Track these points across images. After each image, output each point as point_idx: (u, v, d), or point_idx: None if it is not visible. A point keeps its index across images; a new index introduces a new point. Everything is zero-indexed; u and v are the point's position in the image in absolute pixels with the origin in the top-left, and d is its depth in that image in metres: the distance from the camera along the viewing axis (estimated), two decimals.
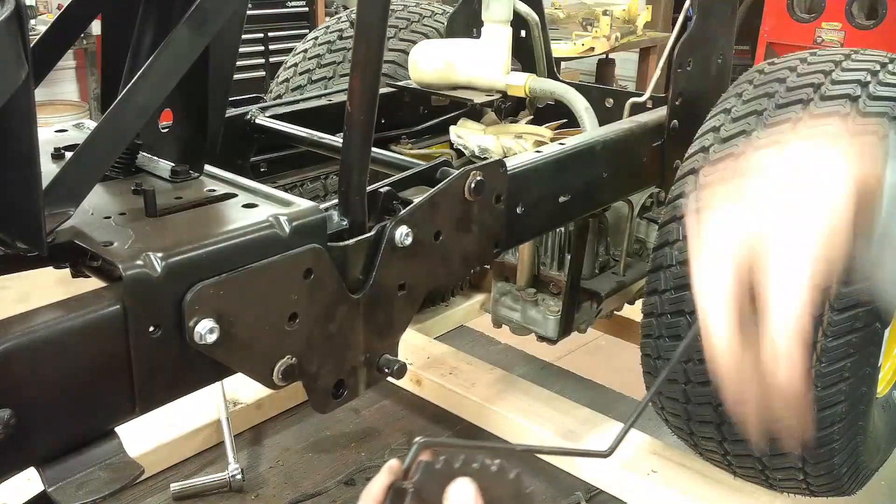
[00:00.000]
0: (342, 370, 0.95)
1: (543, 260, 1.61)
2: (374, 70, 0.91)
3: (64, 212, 0.79)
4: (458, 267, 1.11)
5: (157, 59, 0.81)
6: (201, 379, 0.85)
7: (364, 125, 0.91)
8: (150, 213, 0.86)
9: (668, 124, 1.43)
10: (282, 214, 0.85)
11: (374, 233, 0.95)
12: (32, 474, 0.74)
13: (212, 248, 0.79)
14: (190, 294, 0.76)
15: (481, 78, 1.63)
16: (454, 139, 1.61)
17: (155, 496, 1.44)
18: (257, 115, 1.41)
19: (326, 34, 2.03)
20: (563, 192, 1.25)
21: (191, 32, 0.83)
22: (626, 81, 5.53)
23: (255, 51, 5.10)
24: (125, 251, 0.77)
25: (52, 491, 0.72)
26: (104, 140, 0.81)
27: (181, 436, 1.52)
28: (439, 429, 1.64)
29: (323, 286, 0.88)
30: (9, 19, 0.62)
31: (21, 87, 0.65)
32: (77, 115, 4.56)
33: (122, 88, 0.88)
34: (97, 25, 1.04)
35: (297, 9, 5.33)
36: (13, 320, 0.70)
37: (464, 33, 1.80)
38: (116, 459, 0.77)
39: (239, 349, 0.82)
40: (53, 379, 0.71)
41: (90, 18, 1.04)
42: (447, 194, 1.02)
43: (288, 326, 0.86)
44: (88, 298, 0.74)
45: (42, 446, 0.73)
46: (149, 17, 0.95)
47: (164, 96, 0.84)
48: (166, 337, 0.77)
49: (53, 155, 0.98)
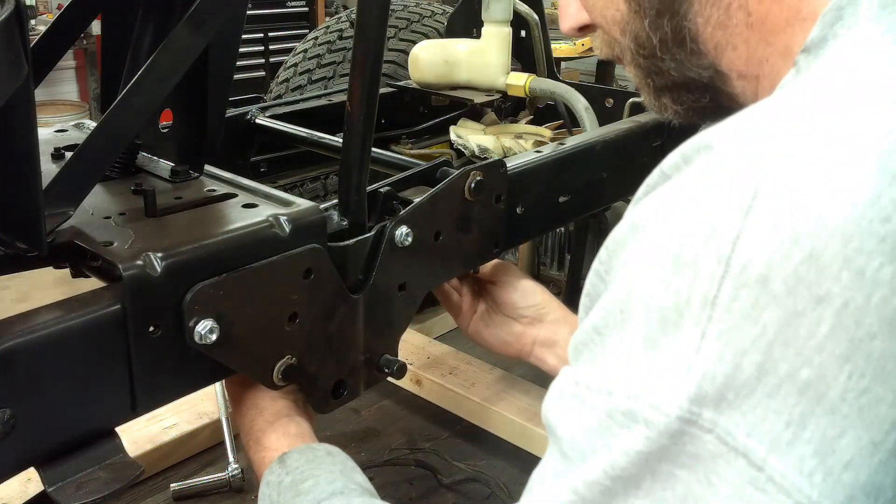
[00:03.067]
0: (342, 370, 0.95)
1: (543, 260, 1.62)
2: (374, 70, 0.91)
3: (64, 212, 0.79)
4: (459, 267, 1.11)
5: (157, 59, 0.81)
6: (201, 379, 0.85)
7: (364, 125, 0.91)
8: (150, 213, 0.86)
9: (668, 124, 1.42)
10: (282, 214, 0.85)
11: (374, 233, 0.95)
12: (32, 474, 0.74)
13: (212, 248, 0.79)
14: (190, 294, 0.76)
15: (481, 78, 1.63)
16: (454, 139, 1.60)
17: (155, 496, 1.44)
18: (257, 115, 1.41)
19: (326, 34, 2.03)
20: (563, 192, 1.25)
21: (191, 32, 0.83)
22: (626, 81, 5.54)
23: (255, 51, 5.10)
24: (125, 251, 0.77)
25: (52, 491, 0.72)
26: (104, 140, 0.81)
27: (181, 436, 1.52)
28: (439, 429, 1.64)
29: (323, 286, 0.88)
30: (9, 19, 0.62)
31: (21, 87, 0.65)
32: (77, 115, 4.56)
33: (122, 88, 0.88)
34: (97, 25, 1.03)
35: (297, 9, 5.33)
36: (13, 320, 0.70)
37: (464, 33, 1.80)
38: (116, 459, 0.77)
39: (239, 349, 0.82)
40: (53, 379, 0.71)
41: (90, 18, 1.04)
42: (447, 194, 1.02)
43: (288, 326, 0.86)
44: (88, 298, 0.74)
45: (42, 446, 0.73)
46: (149, 17, 0.95)
47: (164, 96, 0.84)
48: (166, 337, 0.77)
49: (53, 155, 0.98)
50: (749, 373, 0.40)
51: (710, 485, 0.41)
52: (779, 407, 0.39)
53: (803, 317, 0.39)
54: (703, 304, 0.41)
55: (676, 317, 0.42)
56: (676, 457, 0.42)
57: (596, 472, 0.45)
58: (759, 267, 0.40)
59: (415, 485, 1.47)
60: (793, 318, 0.39)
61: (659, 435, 0.42)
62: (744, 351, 0.40)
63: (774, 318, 0.40)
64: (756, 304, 0.40)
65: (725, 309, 0.41)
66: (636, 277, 0.45)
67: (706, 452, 0.41)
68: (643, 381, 0.43)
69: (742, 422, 0.40)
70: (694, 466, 0.41)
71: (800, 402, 0.39)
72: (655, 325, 0.44)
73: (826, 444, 0.39)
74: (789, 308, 0.39)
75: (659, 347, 0.43)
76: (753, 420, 0.40)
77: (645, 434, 0.43)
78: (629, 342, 0.45)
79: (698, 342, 0.41)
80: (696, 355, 0.41)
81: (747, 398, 0.40)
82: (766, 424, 0.39)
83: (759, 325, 0.40)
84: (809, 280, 0.39)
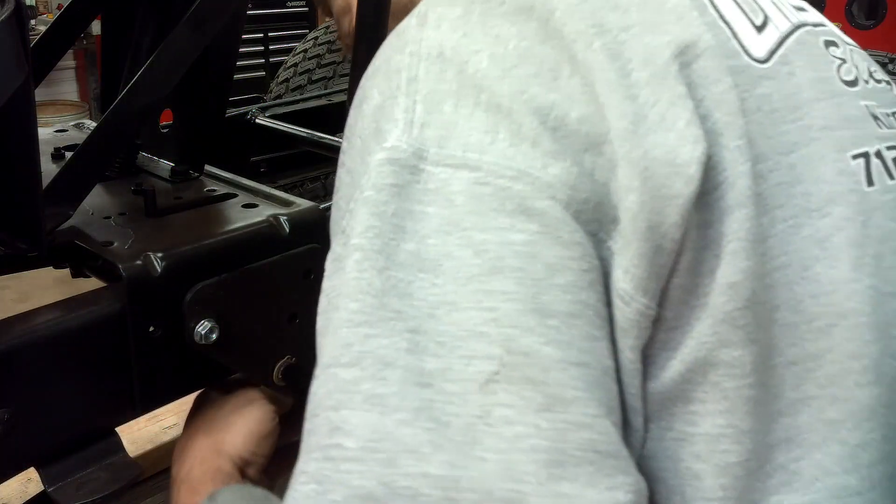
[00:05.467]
0: None
1: None
2: None
3: (64, 212, 0.79)
4: None
5: (157, 59, 0.81)
6: (201, 379, 0.85)
7: None
8: (150, 213, 0.86)
9: None
10: (282, 214, 0.85)
11: None
12: (32, 474, 0.74)
13: (212, 248, 0.79)
14: (190, 294, 0.76)
15: None
16: None
17: (155, 496, 1.44)
18: (257, 115, 1.41)
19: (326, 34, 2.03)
20: None
21: (191, 32, 0.83)
22: None
23: (255, 51, 5.09)
24: (125, 251, 0.77)
25: (52, 491, 0.72)
26: (104, 140, 0.81)
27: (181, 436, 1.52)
28: None
29: None
30: (9, 19, 0.62)
31: (21, 87, 0.65)
32: (77, 115, 4.56)
33: (122, 88, 0.88)
34: (97, 25, 1.04)
35: (297, 9, 5.33)
36: (13, 320, 0.70)
37: None
38: (116, 459, 0.77)
39: (239, 349, 0.82)
40: (53, 379, 0.71)
41: (90, 18, 1.04)
42: None
43: (288, 326, 0.86)
44: (88, 298, 0.74)
45: (42, 446, 0.73)
46: (149, 17, 0.95)
47: (164, 96, 0.84)
48: (166, 337, 0.77)
49: (53, 155, 0.98)
50: (450, 111, 0.50)
51: (452, 205, 0.48)
52: (477, 124, 0.49)
53: (467, 65, 0.51)
54: (409, 82, 0.51)
55: (391, 103, 0.51)
56: (422, 195, 0.49)
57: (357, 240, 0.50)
58: (435, 48, 0.52)
59: None
60: (463, 66, 0.51)
61: (402, 168, 0.49)
62: (442, 100, 0.50)
63: (453, 73, 0.51)
64: (441, 69, 0.51)
65: (424, 79, 0.51)
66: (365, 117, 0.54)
67: (441, 182, 0.48)
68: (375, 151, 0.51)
69: (456, 144, 0.49)
70: (436, 200, 0.48)
71: (489, 116, 0.49)
72: (381, 115, 0.52)
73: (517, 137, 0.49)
74: (457, 63, 0.51)
75: (385, 125, 0.51)
76: (464, 141, 0.49)
77: (390, 169, 0.49)
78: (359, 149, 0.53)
79: (412, 106, 0.51)
80: (413, 114, 0.50)
81: (455, 128, 0.49)
82: (473, 138, 0.49)
83: (446, 81, 0.51)
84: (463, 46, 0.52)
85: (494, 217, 0.47)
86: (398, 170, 0.49)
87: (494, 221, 0.47)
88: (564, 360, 0.45)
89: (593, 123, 0.49)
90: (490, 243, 0.47)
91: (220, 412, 0.85)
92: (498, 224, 0.47)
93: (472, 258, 0.47)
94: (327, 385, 0.48)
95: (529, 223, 0.47)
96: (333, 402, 0.47)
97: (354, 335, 0.47)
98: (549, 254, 0.47)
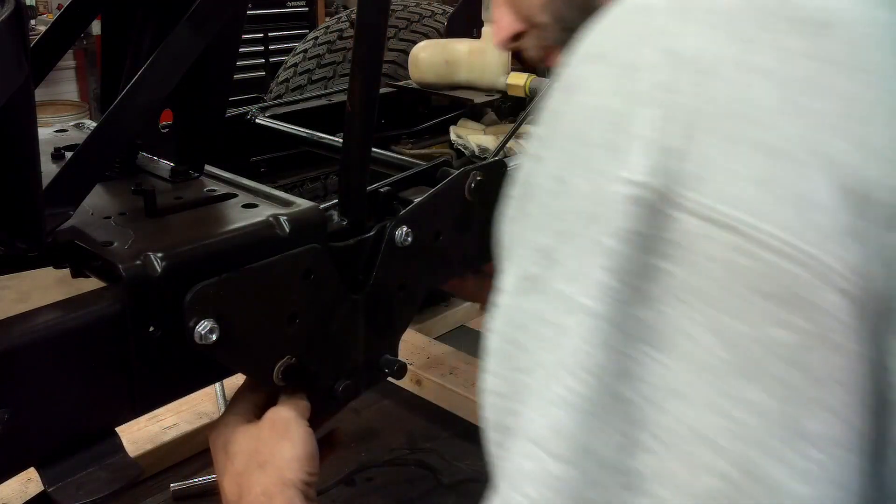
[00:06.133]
0: (342, 370, 0.95)
1: None
2: (374, 70, 0.91)
3: (64, 212, 0.79)
4: (459, 267, 1.11)
5: (157, 59, 0.81)
6: (201, 379, 0.85)
7: (364, 125, 0.91)
8: (150, 213, 0.86)
9: None
10: (282, 214, 0.85)
11: (374, 233, 0.95)
12: (32, 474, 0.74)
13: (212, 248, 0.79)
14: (190, 294, 0.76)
15: (481, 78, 1.63)
16: (454, 139, 1.61)
17: (155, 496, 1.44)
18: (257, 115, 1.41)
19: (326, 34, 2.03)
20: None
21: (191, 32, 0.83)
22: None
23: (255, 51, 5.09)
24: (125, 251, 0.77)
25: (52, 491, 0.72)
26: (104, 140, 0.81)
27: (181, 436, 1.52)
28: (439, 429, 1.64)
29: (323, 286, 0.88)
30: (9, 19, 0.62)
31: (21, 87, 0.65)
32: (77, 115, 4.56)
33: (122, 88, 0.88)
34: (97, 25, 1.03)
35: (297, 9, 5.33)
36: (13, 320, 0.70)
37: (464, 33, 1.79)
38: (116, 459, 0.77)
39: (239, 349, 0.82)
40: (53, 379, 0.71)
41: (90, 18, 1.04)
42: (447, 194, 1.02)
43: (288, 326, 0.86)
44: (88, 298, 0.74)
45: (42, 446, 0.73)
46: (149, 17, 0.95)
47: (164, 96, 0.84)
48: (166, 337, 0.77)
49: (53, 155, 0.98)
50: (713, 144, 0.39)
51: (701, 273, 0.38)
52: (751, 172, 0.38)
53: (749, 89, 0.40)
54: (659, 89, 0.41)
55: (629, 111, 0.42)
56: (664, 248, 0.39)
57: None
58: (690, 51, 0.41)
59: (415, 485, 1.47)
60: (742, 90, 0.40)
61: (651, 213, 0.40)
62: (705, 127, 0.40)
63: (724, 96, 0.40)
64: (697, 82, 0.40)
65: (685, 92, 0.41)
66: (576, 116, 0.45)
67: (691, 237, 0.39)
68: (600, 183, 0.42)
69: (717, 191, 0.38)
70: (682, 258, 0.39)
71: (768, 163, 0.38)
72: (613, 124, 0.42)
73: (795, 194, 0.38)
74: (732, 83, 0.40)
75: (621, 140, 0.41)
76: (729, 191, 0.38)
77: (636, 211, 0.40)
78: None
79: (663, 125, 0.40)
80: (664, 136, 0.40)
81: (718, 170, 0.39)
82: (744, 191, 0.38)
83: (713, 102, 0.40)
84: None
85: (758, 303, 0.38)
86: (647, 214, 0.40)
87: (757, 309, 0.38)
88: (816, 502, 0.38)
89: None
90: (746, 338, 0.38)
91: (262, 444, 0.84)
92: (761, 314, 0.38)
93: (718, 348, 0.38)
94: (535, 476, 0.41)
95: (804, 320, 0.38)
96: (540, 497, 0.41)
97: (572, 422, 0.40)
98: (824, 364, 0.38)
